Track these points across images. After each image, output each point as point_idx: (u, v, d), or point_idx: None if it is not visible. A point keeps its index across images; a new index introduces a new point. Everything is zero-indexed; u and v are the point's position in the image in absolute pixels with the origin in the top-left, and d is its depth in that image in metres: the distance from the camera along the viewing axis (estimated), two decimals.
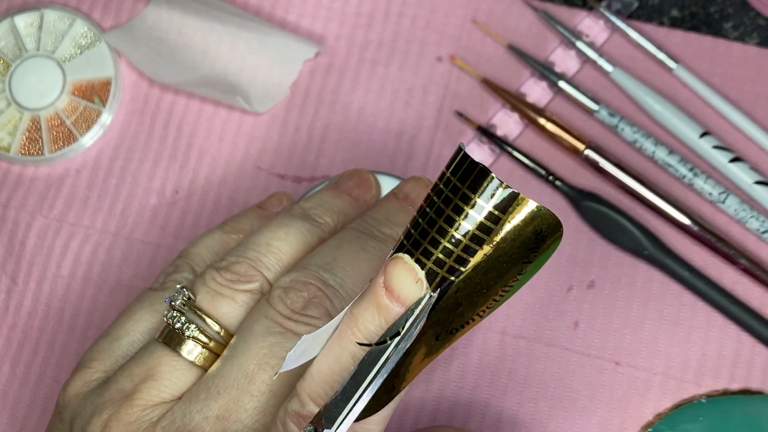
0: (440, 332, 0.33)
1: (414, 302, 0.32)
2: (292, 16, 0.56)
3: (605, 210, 0.52)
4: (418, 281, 0.32)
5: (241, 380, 0.37)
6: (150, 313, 0.41)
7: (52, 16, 0.56)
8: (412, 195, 0.44)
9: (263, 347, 0.37)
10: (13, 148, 0.55)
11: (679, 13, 0.55)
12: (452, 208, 0.31)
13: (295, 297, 0.38)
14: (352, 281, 0.39)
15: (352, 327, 0.33)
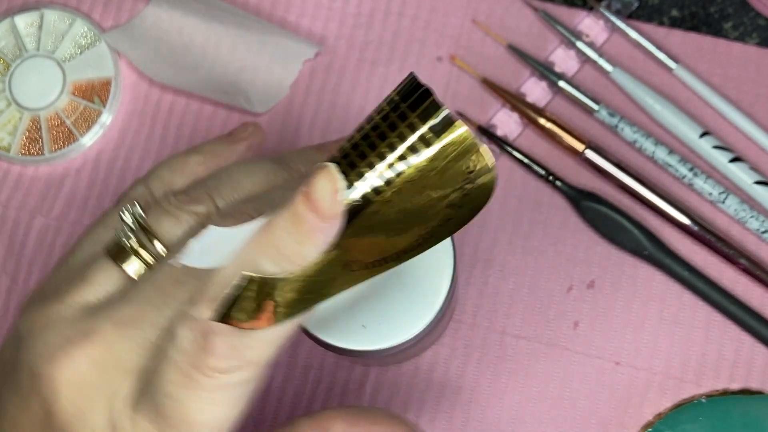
0: (353, 261, 0.32)
1: (330, 215, 0.31)
2: (292, 16, 0.56)
3: (605, 210, 0.52)
4: (337, 192, 0.31)
5: (151, 294, 0.36)
6: (105, 230, 0.41)
7: (52, 16, 0.56)
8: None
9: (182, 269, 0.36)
10: (13, 148, 0.55)
11: (678, 13, 0.55)
12: (388, 125, 0.31)
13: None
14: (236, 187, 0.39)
15: (266, 234, 0.33)
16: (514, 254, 0.52)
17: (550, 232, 0.52)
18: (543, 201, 0.53)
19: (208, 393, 0.33)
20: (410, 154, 0.30)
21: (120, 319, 0.35)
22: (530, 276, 0.52)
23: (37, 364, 0.35)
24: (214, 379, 0.33)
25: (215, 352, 0.32)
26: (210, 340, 0.33)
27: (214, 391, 0.33)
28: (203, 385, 0.33)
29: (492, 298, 0.52)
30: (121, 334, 0.35)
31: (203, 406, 0.33)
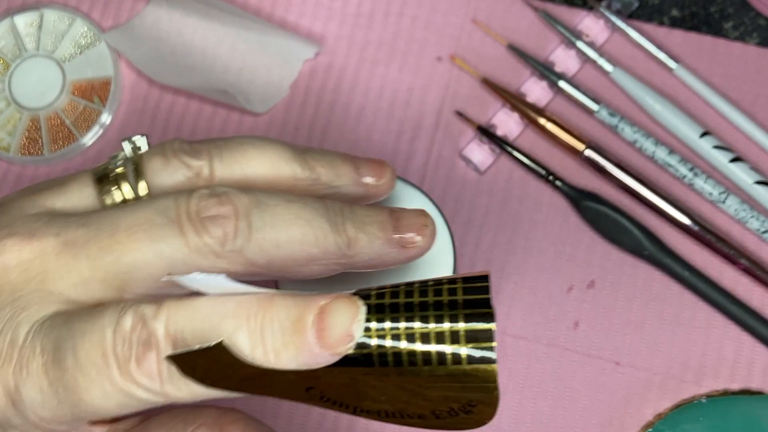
0: (315, 388, 0.31)
1: (331, 350, 0.30)
2: (292, 16, 0.56)
3: (605, 210, 0.52)
4: (351, 336, 0.30)
5: (105, 228, 0.34)
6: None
7: (51, 16, 0.56)
8: (404, 223, 0.37)
9: (147, 219, 0.34)
10: (13, 148, 0.55)
11: (679, 13, 0.55)
12: (434, 307, 0.30)
13: (210, 205, 0.34)
14: (272, 238, 0.34)
15: (261, 311, 0.31)
16: (514, 254, 0.52)
17: (550, 232, 0.52)
18: (543, 201, 0.53)
19: (111, 387, 0.32)
20: (434, 355, 0.29)
21: (66, 238, 0.34)
22: (530, 276, 0.52)
23: None
24: (126, 383, 0.31)
25: (144, 367, 0.31)
26: (146, 355, 0.31)
27: (118, 391, 0.32)
28: (113, 379, 0.31)
29: (492, 298, 0.52)
30: (59, 252, 0.34)
31: (100, 394, 0.32)
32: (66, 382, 0.32)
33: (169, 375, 0.31)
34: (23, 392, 0.32)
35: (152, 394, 0.31)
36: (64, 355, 0.32)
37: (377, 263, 0.36)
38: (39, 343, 0.33)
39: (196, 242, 0.33)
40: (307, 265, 0.35)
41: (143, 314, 0.32)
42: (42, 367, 0.32)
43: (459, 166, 0.53)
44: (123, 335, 0.32)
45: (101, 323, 0.32)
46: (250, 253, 0.34)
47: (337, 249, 0.35)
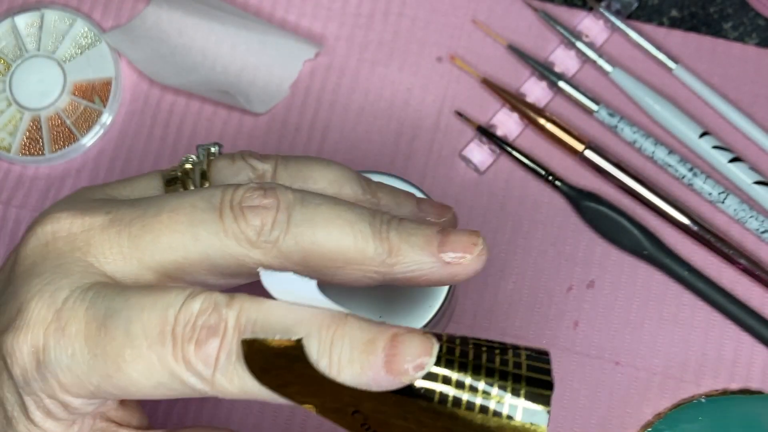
0: (359, 413, 0.31)
1: (396, 376, 0.30)
2: (292, 16, 0.56)
3: (605, 210, 0.52)
4: (421, 368, 0.30)
5: (152, 209, 0.34)
6: None
7: (52, 17, 0.56)
8: (452, 239, 0.36)
9: (191, 204, 0.34)
10: (14, 148, 0.55)
11: (678, 14, 0.55)
12: (500, 376, 0.31)
13: (254, 196, 0.34)
14: (309, 234, 0.34)
15: (333, 324, 0.31)
16: (514, 254, 0.52)
17: (550, 232, 0.52)
18: (543, 201, 0.53)
19: (158, 365, 0.32)
20: (491, 410, 0.30)
21: (115, 216, 0.35)
22: (530, 276, 0.52)
23: (36, 217, 0.36)
24: (176, 363, 0.31)
25: (203, 350, 0.31)
26: (209, 340, 0.31)
27: (164, 370, 0.32)
28: (164, 356, 0.31)
29: (492, 298, 0.52)
30: (106, 227, 0.34)
31: (143, 369, 0.32)
32: (109, 351, 0.32)
33: (226, 364, 0.31)
34: (52, 353, 0.32)
35: (199, 380, 0.31)
36: (114, 324, 0.32)
37: (419, 277, 0.35)
38: (83, 308, 0.33)
39: (233, 229, 0.34)
40: (344, 269, 0.35)
41: (216, 300, 0.32)
42: (83, 331, 0.32)
43: (459, 166, 0.53)
44: (188, 317, 0.31)
45: (165, 301, 0.32)
46: (285, 247, 0.34)
47: (376, 255, 0.34)
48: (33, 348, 0.33)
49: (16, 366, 0.33)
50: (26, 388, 0.33)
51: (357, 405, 0.31)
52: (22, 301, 0.34)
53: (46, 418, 0.33)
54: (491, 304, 0.52)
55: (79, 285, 0.33)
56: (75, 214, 0.35)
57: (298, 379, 0.31)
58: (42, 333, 0.33)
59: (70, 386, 0.33)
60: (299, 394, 0.31)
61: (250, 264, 0.34)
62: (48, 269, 0.34)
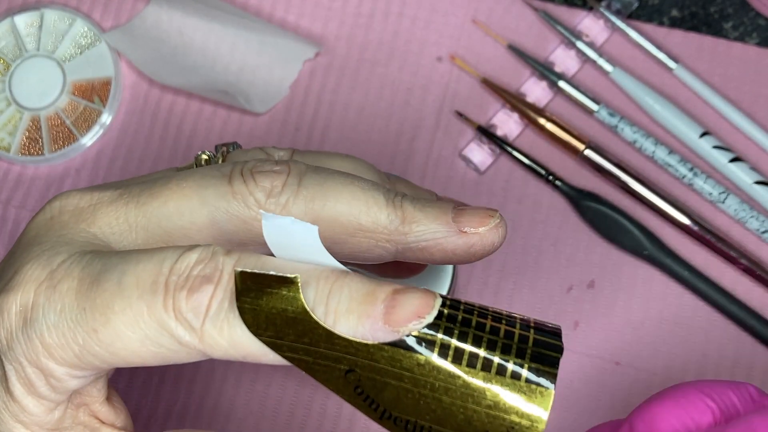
0: (356, 375, 0.30)
1: (394, 325, 0.29)
2: (292, 17, 0.56)
3: (605, 210, 0.52)
4: (420, 318, 0.29)
5: (161, 180, 0.34)
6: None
7: (52, 16, 0.56)
8: (467, 211, 0.35)
9: (202, 173, 0.34)
10: (14, 148, 0.55)
11: (678, 13, 0.55)
12: (502, 350, 0.29)
13: (266, 164, 0.34)
14: (320, 197, 0.34)
15: (333, 277, 0.30)
16: (514, 254, 0.52)
17: (550, 232, 0.52)
18: (543, 201, 0.53)
19: (147, 316, 0.31)
20: (495, 365, 0.29)
21: (124, 190, 0.34)
22: (530, 276, 0.52)
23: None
24: (165, 313, 0.31)
25: (194, 298, 0.30)
26: (202, 287, 0.30)
27: (152, 321, 0.31)
28: (153, 306, 0.31)
29: (492, 298, 0.52)
30: (113, 200, 0.34)
31: (130, 321, 0.31)
32: (98, 303, 0.31)
33: (217, 313, 0.30)
34: (40, 311, 0.32)
35: (188, 332, 0.30)
36: (107, 278, 0.31)
37: (432, 247, 0.34)
38: (78, 268, 0.32)
39: (241, 190, 0.33)
40: (355, 237, 0.34)
41: (214, 250, 0.31)
42: (75, 288, 0.32)
43: (459, 166, 0.53)
44: (184, 267, 0.31)
45: (162, 254, 0.32)
46: (295, 210, 0.33)
47: (389, 223, 0.34)
48: (21, 307, 0.32)
49: (2, 328, 0.32)
50: (8, 353, 0.32)
51: (350, 363, 0.30)
52: (19, 265, 0.33)
53: (26, 394, 0.32)
54: (491, 304, 0.51)
55: (78, 251, 0.33)
56: (84, 191, 0.35)
57: (291, 329, 0.29)
58: (33, 291, 0.32)
59: (54, 347, 0.32)
60: (291, 349, 0.30)
61: (257, 230, 0.33)
62: (50, 238, 0.34)
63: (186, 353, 0.31)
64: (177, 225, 0.34)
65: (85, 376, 0.33)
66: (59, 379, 0.32)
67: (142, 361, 0.32)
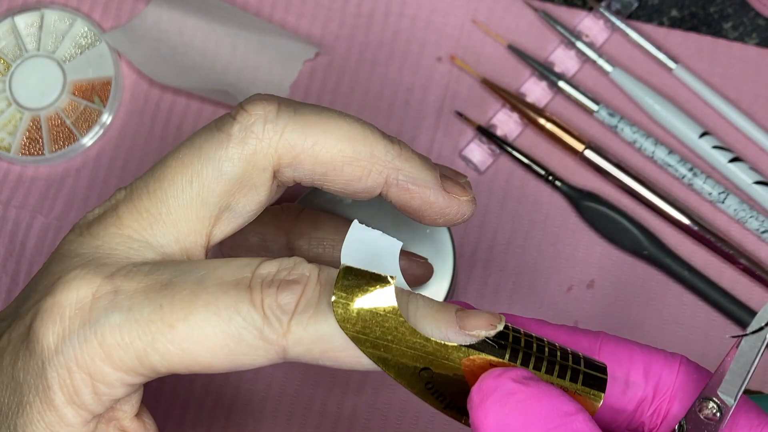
0: (430, 372, 0.32)
1: (476, 334, 0.32)
2: (292, 17, 0.56)
3: (605, 210, 0.52)
4: (492, 327, 0.32)
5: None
6: None
7: (52, 17, 0.56)
8: (449, 177, 0.37)
9: (201, 142, 0.35)
10: (14, 148, 0.55)
11: (678, 13, 0.55)
12: (561, 360, 0.33)
13: (258, 103, 0.35)
14: (317, 122, 0.35)
15: (408, 298, 0.32)
16: (514, 254, 0.52)
17: (550, 232, 0.52)
18: (543, 201, 0.53)
19: (231, 309, 0.31)
20: (557, 367, 0.33)
21: (130, 189, 0.35)
22: (530, 276, 0.52)
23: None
24: (251, 308, 0.31)
25: (284, 295, 0.31)
26: (291, 286, 0.31)
27: (235, 315, 0.31)
28: (239, 301, 0.32)
29: (492, 298, 0.52)
30: (126, 197, 0.35)
31: (211, 316, 0.31)
32: (178, 300, 0.31)
33: (304, 311, 0.31)
34: (101, 312, 0.32)
35: (273, 328, 0.31)
36: (183, 279, 0.32)
37: (415, 192, 0.36)
38: (139, 276, 0.32)
39: (235, 129, 0.34)
40: (351, 164, 0.35)
41: (297, 260, 0.32)
42: (143, 289, 0.32)
43: (459, 166, 0.53)
44: (266, 273, 0.32)
45: (240, 262, 0.32)
46: (294, 136, 0.34)
47: (385, 153, 0.35)
48: (78, 308, 0.32)
49: (52, 331, 0.32)
50: (56, 358, 0.32)
51: (426, 362, 0.32)
52: (61, 273, 0.33)
53: (66, 403, 0.32)
54: (491, 304, 0.51)
55: (128, 263, 0.33)
56: (100, 204, 0.36)
57: (378, 325, 0.31)
58: (90, 293, 0.32)
59: (116, 348, 0.31)
60: (374, 345, 0.32)
61: (262, 162, 0.34)
62: (87, 249, 0.34)
63: (264, 352, 0.32)
64: (191, 195, 0.35)
65: (136, 383, 0.33)
66: (110, 384, 0.32)
67: (212, 361, 0.32)
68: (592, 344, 0.35)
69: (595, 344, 0.35)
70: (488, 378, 0.31)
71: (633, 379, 0.35)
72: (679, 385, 0.34)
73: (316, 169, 0.35)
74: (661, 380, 0.35)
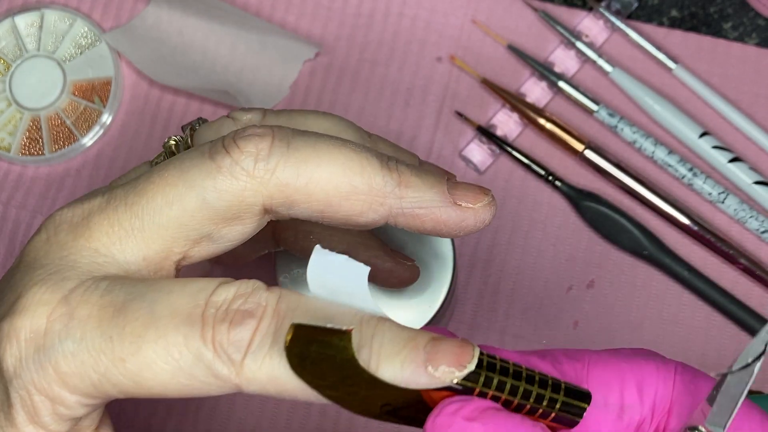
0: (393, 407, 0.31)
1: (444, 380, 0.29)
2: (292, 17, 0.56)
3: (605, 210, 0.52)
4: (462, 367, 0.29)
5: (141, 181, 0.33)
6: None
7: (52, 17, 0.56)
8: (461, 186, 0.35)
9: (181, 159, 0.33)
10: (14, 148, 0.55)
11: (678, 14, 0.55)
12: (538, 393, 0.31)
13: (247, 131, 0.33)
14: (312, 158, 0.33)
15: (372, 323, 0.30)
16: (514, 254, 0.52)
17: (550, 232, 0.52)
18: (543, 201, 0.53)
19: (183, 347, 0.30)
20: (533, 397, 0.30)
21: (110, 195, 0.34)
22: (530, 276, 0.52)
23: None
24: (203, 345, 0.30)
25: (236, 331, 0.30)
26: (245, 321, 0.30)
27: (187, 353, 0.30)
28: (190, 337, 0.30)
29: (492, 298, 0.52)
30: (103, 208, 0.33)
31: (163, 352, 0.30)
32: (128, 331, 0.30)
33: (259, 349, 0.30)
34: (56, 338, 0.31)
35: (226, 365, 0.30)
36: (136, 306, 0.30)
37: (425, 216, 0.34)
38: (96, 295, 0.31)
39: (226, 162, 0.32)
40: (349, 198, 0.33)
41: (255, 285, 0.31)
42: (96, 315, 0.31)
43: (459, 166, 0.53)
44: (222, 300, 0.30)
45: (196, 286, 0.31)
46: (286, 174, 0.33)
47: (384, 185, 0.33)
48: (32, 333, 0.31)
49: (9, 354, 0.31)
50: (15, 381, 0.31)
51: (390, 401, 0.30)
52: (22, 289, 0.32)
53: (28, 422, 0.31)
54: (491, 304, 0.52)
55: (89, 277, 0.32)
56: (74, 204, 0.34)
57: (335, 373, 0.30)
58: (45, 317, 0.31)
59: (70, 376, 0.31)
60: (331, 388, 0.30)
61: (250, 200, 0.33)
62: (52, 261, 0.33)
63: (217, 387, 0.31)
64: (169, 217, 0.33)
65: (96, 404, 0.32)
66: (69, 407, 0.31)
67: (165, 393, 0.31)
68: (579, 372, 0.32)
69: (582, 371, 0.32)
70: (442, 414, 0.29)
71: (628, 402, 0.32)
72: (676, 398, 0.33)
73: (312, 207, 0.33)
74: (657, 396, 0.32)
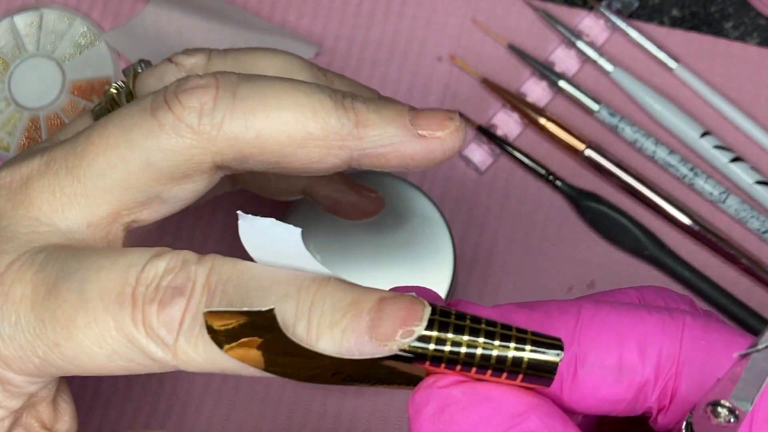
0: (344, 374, 0.28)
1: (379, 342, 0.27)
2: (291, 17, 0.56)
3: (605, 210, 0.52)
4: (410, 333, 0.27)
5: (81, 140, 0.31)
6: None
7: (51, 16, 0.56)
8: (423, 115, 0.32)
9: (121, 115, 0.31)
10: (13, 148, 0.55)
11: (679, 13, 0.55)
12: (501, 337, 0.28)
13: (189, 81, 0.31)
14: (261, 108, 0.30)
15: (315, 288, 0.28)
16: (514, 254, 0.52)
17: (550, 232, 0.52)
18: (543, 201, 0.53)
19: (114, 330, 0.28)
20: (493, 357, 0.27)
21: (49, 157, 0.32)
22: (530, 276, 0.52)
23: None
24: (135, 327, 0.28)
25: (166, 312, 0.28)
26: (174, 300, 0.28)
27: (120, 336, 0.29)
28: (121, 320, 0.28)
29: (492, 298, 0.52)
30: (43, 172, 0.31)
31: (96, 336, 0.29)
32: (59, 315, 0.29)
33: (191, 328, 0.28)
34: None
35: (159, 347, 0.28)
36: (66, 286, 0.29)
37: (389, 153, 0.32)
38: (31, 272, 0.30)
39: (168, 119, 0.30)
40: (305, 146, 0.31)
41: (185, 258, 0.29)
42: (29, 296, 0.29)
43: (459, 166, 0.53)
44: (152, 277, 0.28)
45: (127, 260, 0.29)
46: (234, 126, 0.30)
47: (342, 127, 0.31)
48: None
49: None
50: None
51: (336, 371, 0.28)
52: None
53: None
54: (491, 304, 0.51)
55: (28, 249, 0.30)
56: (11, 166, 0.32)
57: (269, 347, 0.28)
58: None
59: (12, 359, 0.29)
60: (271, 363, 0.28)
61: (198, 158, 0.31)
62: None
63: (158, 368, 0.29)
64: (113, 180, 0.31)
65: (47, 381, 0.31)
66: (18, 386, 0.30)
67: (108, 373, 0.30)
68: (572, 331, 0.29)
69: (575, 332, 0.29)
70: (420, 389, 0.28)
71: (627, 363, 0.29)
72: (684, 358, 0.29)
73: (266, 158, 0.31)
74: (662, 356, 0.29)
